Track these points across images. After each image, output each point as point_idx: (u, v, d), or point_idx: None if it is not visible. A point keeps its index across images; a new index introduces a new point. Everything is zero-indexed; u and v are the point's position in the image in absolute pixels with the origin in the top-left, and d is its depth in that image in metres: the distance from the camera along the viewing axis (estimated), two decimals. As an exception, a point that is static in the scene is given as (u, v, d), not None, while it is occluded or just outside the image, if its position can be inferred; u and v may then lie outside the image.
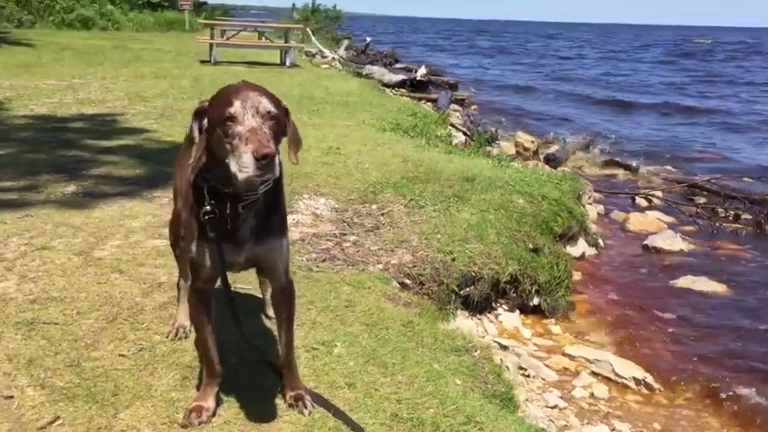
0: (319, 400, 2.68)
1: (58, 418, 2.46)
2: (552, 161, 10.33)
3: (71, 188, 5.45)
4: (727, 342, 5.30)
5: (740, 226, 8.40)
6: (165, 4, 33.59)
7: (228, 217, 2.26)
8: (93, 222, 4.65)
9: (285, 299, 2.60)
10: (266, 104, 2.12)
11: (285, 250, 2.48)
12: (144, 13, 31.28)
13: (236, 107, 2.08)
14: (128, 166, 6.22)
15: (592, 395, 4.28)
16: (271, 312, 3.32)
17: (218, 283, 2.47)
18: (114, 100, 10.21)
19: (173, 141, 7.27)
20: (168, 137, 7.51)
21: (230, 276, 2.50)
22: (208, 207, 2.25)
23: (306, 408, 2.61)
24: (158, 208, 5.12)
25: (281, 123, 2.18)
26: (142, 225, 4.70)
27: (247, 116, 2.07)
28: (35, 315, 3.23)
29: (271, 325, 3.27)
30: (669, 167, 11.68)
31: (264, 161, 2.00)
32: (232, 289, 2.54)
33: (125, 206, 5.09)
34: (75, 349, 2.95)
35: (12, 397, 2.57)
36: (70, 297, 3.47)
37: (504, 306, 5.23)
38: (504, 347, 4.56)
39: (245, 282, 3.82)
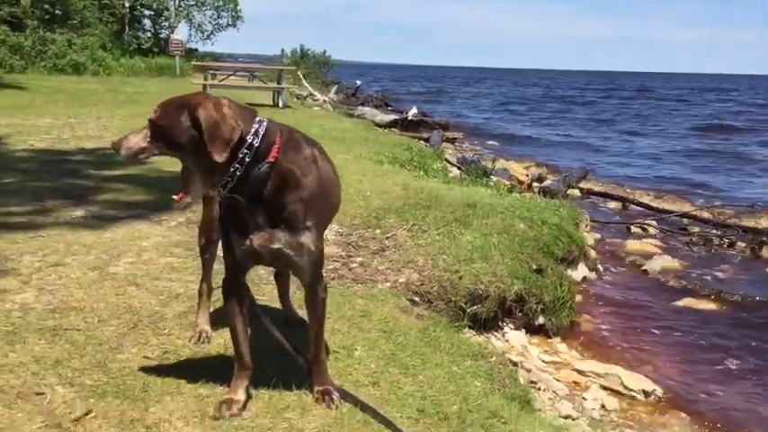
0: (346, 395, 2.71)
1: (91, 411, 2.48)
2: (548, 193, 10.46)
3: (79, 212, 5.49)
4: (731, 357, 5.40)
5: (735, 252, 8.56)
6: (156, 50, 34.01)
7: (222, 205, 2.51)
8: (104, 242, 4.69)
9: (314, 298, 2.65)
10: (152, 113, 2.40)
11: (307, 249, 2.49)
12: (135, 58, 31.59)
13: None
14: (133, 193, 6.29)
15: (603, 407, 4.32)
16: (296, 314, 3.40)
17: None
18: (113, 136, 10.14)
19: (175, 171, 7.30)
20: (170, 167, 7.55)
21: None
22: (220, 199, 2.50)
23: (333, 402, 2.65)
24: (167, 230, 5.18)
25: (162, 125, 2.36)
26: (153, 244, 4.75)
27: None
28: (57, 323, 3.26)
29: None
30: (662, 198, 11.91)
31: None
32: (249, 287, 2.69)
33: (134, 228, 5.14)
34: (100, 352, 2.98)
35: (42, 393, 2.58)
36: (89, 307, 3.50)
37: (510, 325, 5.28)
38: (514, 363, 4.59)
39: (259, 293, 3.88)
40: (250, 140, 2.32)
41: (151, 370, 2.84)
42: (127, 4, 33.24)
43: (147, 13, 36.25)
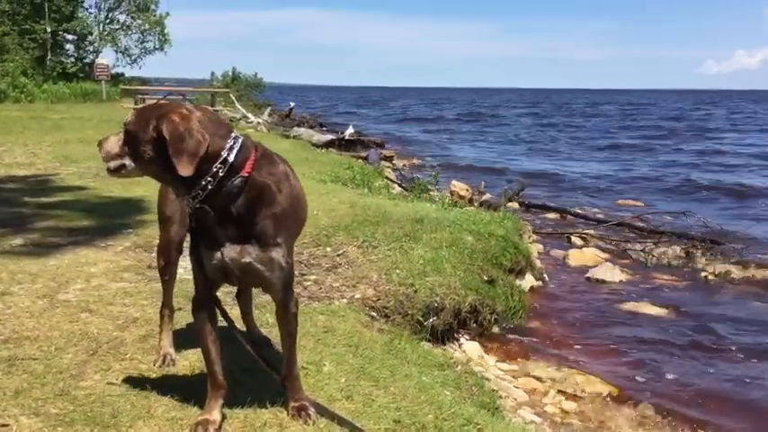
0: (322, 410, 2.69)
1: (60, 440, 2.38)
2: (488, 207, 10.64)
3: (19, 240, 5.28)
4: (675, 356, 5.66)
5: (671, 257, 8.90)
6: (81, 75, 33.13)
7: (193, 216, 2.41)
8: (50, 269, 4.52)
9: (286, 313, 2.62)
10: (127, 118, 2.37)
11: (278, 264, 2.46)
12: (58, 84, 30.63)
13: None
14: (73, 219, 6.08)
15: (563, 410, 4.42)
16: (260, 333, 3.37)
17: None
18: (43, 163, 9.97)
19: (114, 196, 7.17)
20: (109, 193, 7.38)
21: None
22: (189, 210, 2.42)
23: (309, 417, 2.62)
24: (115, 255, 5.03)
25: (131, 132, 2.31)
26: (102, 270, 4.60)
27: None
28: (11, 353, 3.12)
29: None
30: (596, 209, 12.29)
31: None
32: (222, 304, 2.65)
33: (80, 254, 4.97)
34: (61, 380, 2.86)
35: (7, 425, 2.46)
36: (44, 335, 3.36)
37: (465, 336, 5.34)
38: (473, 373, 4.63)
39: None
40: (224, 155, 2.29)
41: (118, 396, 2.75)
42: (48, 29, 32.27)
43: (69, 37, 35.29)
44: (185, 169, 2.21)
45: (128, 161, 2.34)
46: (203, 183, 2.28)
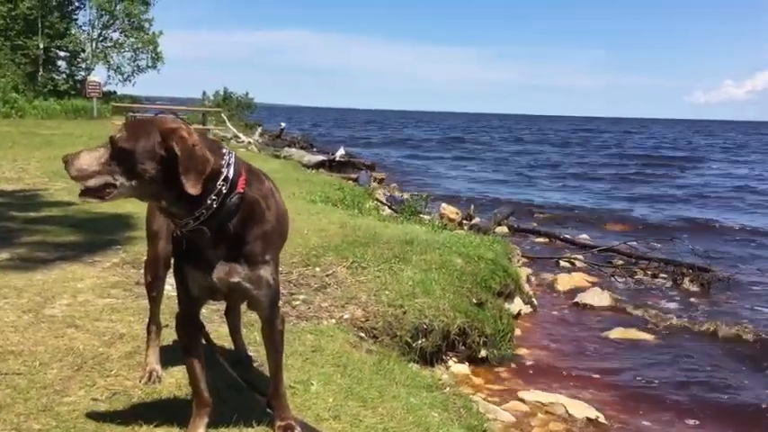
0: (308, 429, 2.66)
1: (42, 457, 2.34)
2: (478, 231, 10.66)
3: (5, 255, 5.23)
4: (661, 381, 5.68)
5: (658, 283, 8.95)
6: (72, 92, 33.08)
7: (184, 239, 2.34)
8: (36, 284, 4.48)
9: (272, 330, 2.59)
10: (115, 133, 2.20)
11: (266, 282, 2.43)
12: (49, 100, 30.55)
13: None
14: (61, 234, 6.05)
15: (551, 434, 4.40)
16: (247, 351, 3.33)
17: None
18: (32, 178, 9.92)
19: (103, 212, 7.12)
20: (98, 209, 7.31)
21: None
22: (177, 232, 2.36)
23: (296, 437, 2.59)
24: (102, 271, 4.99)
25: (127, 149, 2.15)
26: (89, 286, 4.56)
27: None
28: (-6, 367, 3.08)
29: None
30: (585, 235, 12.34)
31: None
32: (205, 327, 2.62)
33: (66, 269, 4.92)
34: (44, 396, 2.83)
35: (-13, 440, 2.43)
36: (28, 350, 3.32)
37: (453, 358, 5.32)
38: (461, 395, 4.61)
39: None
40: (225, 172, 2.24)
41: (102, 412, 2.71)
42: (41, 46, 32.29)
43: (62, 54, 35.26)
44: (194, 188, 2.13)
45: (120, 180, 2.18)
46: (208, 201, 2.21)
